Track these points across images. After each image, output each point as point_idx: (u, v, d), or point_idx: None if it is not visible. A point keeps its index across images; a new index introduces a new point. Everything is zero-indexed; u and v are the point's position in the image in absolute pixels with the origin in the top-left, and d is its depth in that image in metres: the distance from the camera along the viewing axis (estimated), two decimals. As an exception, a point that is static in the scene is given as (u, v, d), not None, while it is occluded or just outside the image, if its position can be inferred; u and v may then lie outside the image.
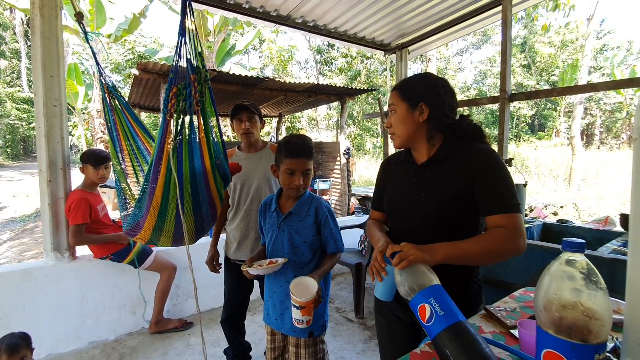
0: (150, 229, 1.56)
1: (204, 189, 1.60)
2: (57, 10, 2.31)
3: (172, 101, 1.38)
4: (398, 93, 1.12)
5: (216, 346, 2.45)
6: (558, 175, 11.69)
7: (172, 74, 1.41)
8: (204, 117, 1.52)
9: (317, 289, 1.19)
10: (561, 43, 18.40)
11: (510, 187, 1.01)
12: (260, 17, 3.29)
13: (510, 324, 0.99)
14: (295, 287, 1.22)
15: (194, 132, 1.49)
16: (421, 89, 1.10)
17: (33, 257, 5.40)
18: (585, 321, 0.55)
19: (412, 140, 1.12)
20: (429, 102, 1.08)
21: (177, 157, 1.45)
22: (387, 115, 1.18)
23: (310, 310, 1.19)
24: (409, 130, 1.10)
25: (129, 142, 2.08)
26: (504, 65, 2.99)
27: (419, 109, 1.08)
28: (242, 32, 13.20)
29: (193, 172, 1.53)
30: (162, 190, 1.46)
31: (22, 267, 2.32)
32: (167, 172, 1.43)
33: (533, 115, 20.71)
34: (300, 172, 1.36)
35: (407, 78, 1.15)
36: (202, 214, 1.64)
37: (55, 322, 2.36)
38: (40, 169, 2.32)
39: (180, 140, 1.45)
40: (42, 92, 2.26)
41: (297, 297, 1.18)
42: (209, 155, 1.56)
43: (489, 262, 1.00)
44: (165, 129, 1.41)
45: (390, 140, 1.19)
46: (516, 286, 1.54)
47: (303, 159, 1.36)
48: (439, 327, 0.74)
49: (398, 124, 1.12)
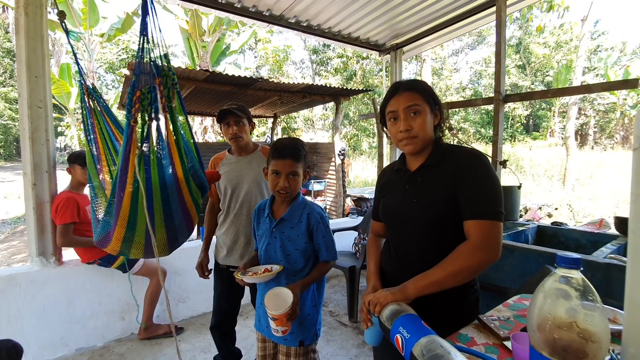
0: (119, 241, 1.47)
1: (177, 199, 1.52)
2: (42, 9, 2.25)
3: (136, 106, 1.31)
4: (421, 95, 1.06)
5: (206, 352, 2.40)
6: (553, 176, 11.74)
7: (134, 76, 1.33)
8: (174, 124, 1.43)
9: (290, 303, 1.17)
10: (556, 44, 18.51)
11: (491, 193, 0.98)
12: (253, 16, 3.25)
13: (503, 334, 0.96)
14: (269, 298, 1.20)
15: (162, 139, 1.41)
16: (433, 93, 1.10)
17: (22, 260, 5.30)
18: (581, 343, 0.51)
19: (427, 144, 1.09)
20: (440, 106, 1.10)
21: (145, 166, 1.36)
22: (395, 119, 1.08)
23: (283, 322, 1.18)
24: (429, 134, 1.08)
25: (107, 145, 1.98)
26: (498, 67, 2.97)
27: (434, 112, 1.08)
28: (238, 31, 13.11)
29: (163, 181, 1.44)
30: (130, 200, 1.38)
31: (6, 273, 2.26)
32: (135, 182, 1.34)
33: (528, 115, 20.80)
34: (285, 173, 1.32)
35: (413, 80, 1.11)
36: (175, 225, 1.56)
37: (41, 329, 2.30)
38: (24, 172, 2.26)
39: (147, 148, 1.36)
40: (27, 93, 2.20)
41: (270, 309, 1.17)
42: (181, 164, 1.47)
43: (462, 282, 0.97)
44: (130, 136, 1.31)
45: (400, 145, 1.09)
46: (510, 291, 1.52)
47: (288, 160, 1.32)
48: (409, 350, 0.77)
49: (423, 126, 1.05)
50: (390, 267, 1.18)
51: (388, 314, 0.92)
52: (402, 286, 0.98)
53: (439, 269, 0.97)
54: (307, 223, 1.37)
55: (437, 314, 1.00)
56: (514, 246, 2.06)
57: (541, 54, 18.84)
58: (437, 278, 0.96)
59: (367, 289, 1.14)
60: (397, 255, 1.15)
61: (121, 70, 13.77)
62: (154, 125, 1.37)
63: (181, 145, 1.48)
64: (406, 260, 1.12)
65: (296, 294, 1.22)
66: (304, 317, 1.37)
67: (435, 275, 0.96)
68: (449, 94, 20.38)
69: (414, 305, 0.95)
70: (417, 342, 0.76)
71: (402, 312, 0.89)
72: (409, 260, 1.11)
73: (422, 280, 0.97)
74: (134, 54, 8.04)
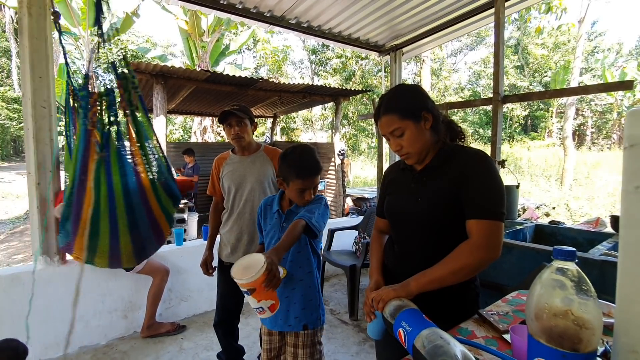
0: (83, 249, 1.41)
1: (142, 207, 1.44)
2: (45, 9, 2.27)
3: (94, 109, 1.27)
4: (397, 115, 1.06)
5: (209, 350, 2.43)
6: (550, 176, 11.82)
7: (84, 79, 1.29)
8: (137, 129, 1.36)
9: (264, 265, 0.98)
10: (553, 45, 18.61)
11: (494, 194, 1.01)
12: (254, 17, 3.28)
13: (502, 328, 0.99)
14: (237, 270, 1.01)
15: (122, 145, 1.34)
16: (414, 100, 1.09)
17: (22, 260, 5.31)
18: (575, 330, 0.55)
19: (427, 151, 1.11)
20: (428, 108, 1.08)
21: (106, 172, 1.29)
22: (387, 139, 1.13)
23: (263, 293, 1.00)
24: (425, 142, 1.09)
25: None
26: (496, 68, 3.01)
27: (423, 118, 1.07)
28: (236, 32, 13.13)
29: (126, 188, 1.38)
30: (92, 207, 1.31)
31: (10, 272, 2.28)
32: (95, 188, 1.28)
33: (526, 115, 20.91)
34: (311, 188, 1.37)
35: (389, 98, 1.10)
36: (141, 235, 1.47)
37: (45, 328, 2.32)
38: (28, 171, 2.28)
39: (106, 153, 1.29)
40: (31, 93, 2.21)
41: (238, 278, 0.97)
42: (146, 171, 1.41)
43: (462, 279, 1.00)
44: (87, 141, 1.27)
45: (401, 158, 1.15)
46: (509, 288, 1.55)
47: (315, 177, 1.37)
48: (411, 342, 0.80)
49: (412, 143, 1.07)
50: (393, 263, 1.21)
51: (391, 309, 0.95)
52: (404, 283, 1.01)
53: (440, 267, 1.00)
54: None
55: (438, 309, 1.02)
56: (513, 244, 2.10)
57: (539, 55, 18.94)
58: (438, 275, 0.99)
59: (370, 284, 1.17)
60: (400, 252, 1.18)
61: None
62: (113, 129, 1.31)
63: (146, 150, 1.41)
64: (409, 258, 1.15)
65: (271, 257, 1.05)
66: (306, 301, 1.39)
67: (437, 273, 0.99)
68: (448, 94, 20.45)
69: (417, 300, 0.98)
70: (419, 334, 0.79)
71: (404, 307, 0.92)
72: (412, 258, 1.14)
73: (424, 277, 1.00)
74: (133, 53, 8.01)
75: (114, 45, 16.70)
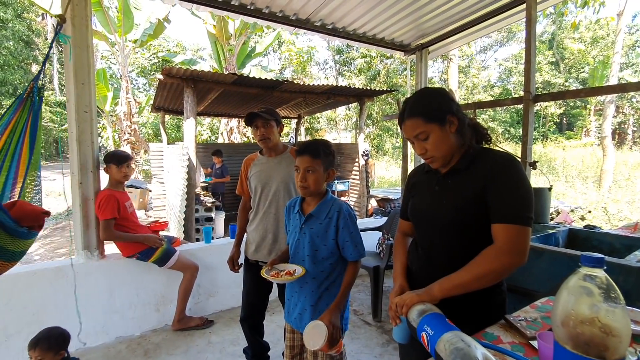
0: None
1: None
2: (87, 20, 2.43)
3: None
4: (422, 119, 1.06)
5: (235, 345, 2.51)
6: (587, 177, 11.21)
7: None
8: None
9: (325, 336, 1.21)
10: (591, 39, 17.62)
11: (521, 198, 0.99)
12: (279, 21, 3.35)
13: (530, 334, 0.97)
14: (307, 334, 1.25)
15: None
16: (439, 103, 1.08)
17: (64, 254, 5.67)
18: (602, 337, 0.54)
19: (451, 154, 1.11)
20: (453, 112, 1.08)
21: None
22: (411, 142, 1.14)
23: (326, 349, 1.24)
24: (450, 146, 1.08)
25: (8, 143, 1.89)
26: (528, 65, 2.90)
27: (448, 122, 1.07)
28: (262, 34, 13.38)
29: None
30: None
31: (54, 265, 2.45)
32: None
33: (561, 114, 19.93)
34: (302, 168, 1.39)
35: (414, 102, 1.11)
36: None
37: (85, 317, 2.48)
38: (72, 172, 2.45)
39: None
40: (74, 99, 2.38)
41: (309, 346, 1.23)
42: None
43: (486, 285, 0.99)
44: None
45: (426, 162, 1.16)
46: (539, 294, 1.51)
47: (306, 156, 1.39)
48: (433, 345, 0.81)
49: (438, 147, 1.07)
50: (417, 266, 1.21)
51: (415, 313, 0.96)
52: (428, 288, 1.01)
53: (464, 272, 0.99)
54: (336, 219, 1.42)
55: (464, 313, 1.02)
56: (543, 249, 2.03)
57: (576, 50, 18.00)
58: (462, 281, 0.98)
59: (394, 288, 1.17)
60: (425, 255, 1.18)
61: (155, 75, 14.35)
62: None
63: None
64: (433, 261, 1.15)
65: (330, 323, 1.26)
66: None
67: (461, 278, 0.99)
68: (476, 92, 19.83)
69: (441, 305, 0.98)
70: (441, 337, 0.80)
71: (428, 312, 0.93)
72: (436, 261, 1.14)
73: (448, 282, 0.99)
74: (163, 57, 8.31)
75: (146, 50, 17.48)
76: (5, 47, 16.31)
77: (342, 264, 1.45)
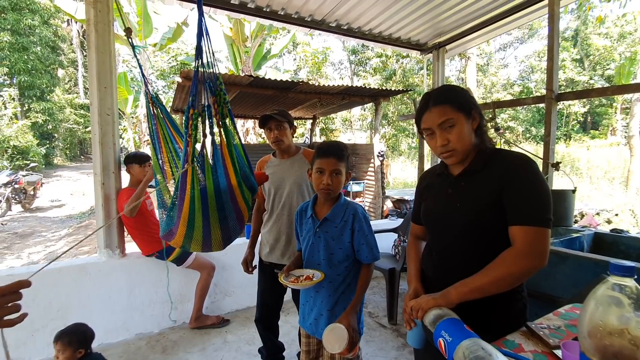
0: (182, 236, 1.67)
1: (231, 203, 1.66)
2: (109, 26, 2.50)
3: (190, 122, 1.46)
4: (452, 106, 1.03)
5: (251, 344, 2.53)
6: (614, 178, 10.75)
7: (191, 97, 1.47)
8: (227, 137, 1.58)
9: (346, 339, 1.21)
10: (618, 35, 16.92)
11: (538, 199, 0.96)
12: (295, 22, 3.36)
13: (553, 343, 0.94)
14: (326, 336, 1.25)
15: (217, 151, 1.56)
16: (465, 97, 1.06)
17: (87, 252, 5.86)
18: (632, 350, 0.51)
19: (468, 152, 1.07)
20: (477, 109, 1.06)
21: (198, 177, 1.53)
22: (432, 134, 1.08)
23: (346, 352, 1.25)
24: (471, 141, 1.06)
25: (168, 146, 2.22)
26: (550, 63, 2.81)
27: (472, 117, 1.05)
28: (277, 36, 13.48)
29: (218, 189, 1.59)
30: (189, 205, 1.55)
31: (78, 263, 2.54)
32: (192, 190, 1.52)
33: (585, 112, 19.21)
34: (329, 171, 1.37)
35: (440, 92, 1.08)
36: (229, 226, 1.72)
37: (106, 314, 2.56)
38: (95, 172, 2.53)
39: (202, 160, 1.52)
40: (97, 102, 2.46)
41: (330, 350, 1.25)
42: (234, 173, 1.62)
43: (505, 289, 0.96)
44: (186, 150, 1.48)
45: (441, 157, 1.10)
46: (562, 301, 1.45)
47: (332, 158, 1.38)
48: (451, 353, 0.79)
49: (461, 138, 1.03)
50: (431, 270, 1.19)
51: (431, 318, 0.93)
52: (445, 291, 0.99)
53: (481, 275, 0.96)
54: (352, 222, 1.40)
55: (482, 319, 0.99)
56: (567, 254, 1.96)
57: (601, 46, 17.31)
58: (479, 284, 0.96)
59: (409, 291, 1.15)
60: (439, 259, 1.16)
61: (173, 77, 14.69)
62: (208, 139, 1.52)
63: (234, 155, 1.61)
64: (448, 265, 1.12)
65: (349, 325, 1.26)
66: None
67: (478, 282, 0.96)
68: (495, 90, 19.36)
69: (458, 309, 0.95)
70: (459, 344, 0.78)
71: (445, 316, 0.90)
72: (452, 265, 1.11)
73: (465, 286, 0.97)
74: (183, 61, 8.53)
75: (165, 53, 17.89)
76: (33, 52, 17.00)
77: (357, 267, 1.44)
